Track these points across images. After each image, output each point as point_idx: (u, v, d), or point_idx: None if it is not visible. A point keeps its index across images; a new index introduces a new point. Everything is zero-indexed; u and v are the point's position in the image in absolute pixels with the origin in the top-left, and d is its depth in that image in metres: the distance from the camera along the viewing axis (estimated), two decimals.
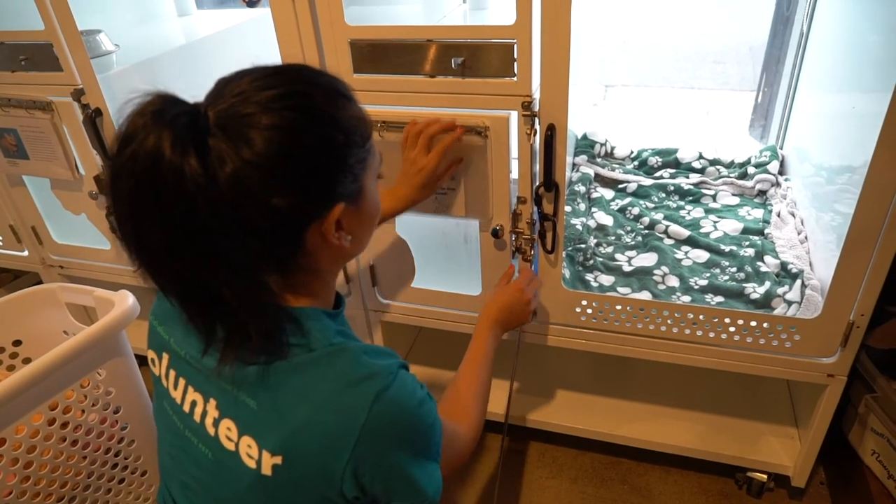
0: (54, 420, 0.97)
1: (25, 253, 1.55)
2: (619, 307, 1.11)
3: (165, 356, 0.69)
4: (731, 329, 1.07)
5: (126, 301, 1.04)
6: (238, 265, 0.54)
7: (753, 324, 1.05)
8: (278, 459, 0.58)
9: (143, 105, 0.52)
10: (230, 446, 0.62)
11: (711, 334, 1.08)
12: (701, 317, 1.07)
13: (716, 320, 1.06)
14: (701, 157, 1.52)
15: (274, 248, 0.57)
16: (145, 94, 0.52)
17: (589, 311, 1.13)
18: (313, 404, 0.58)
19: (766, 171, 1.41)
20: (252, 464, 0.60)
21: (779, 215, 1.31)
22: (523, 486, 1.34)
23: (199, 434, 0.65)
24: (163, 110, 0.51)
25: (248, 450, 0.60)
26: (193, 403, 0.66)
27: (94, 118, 1.21)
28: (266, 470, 0.59)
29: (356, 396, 0.57)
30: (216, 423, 0.63)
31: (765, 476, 1.25)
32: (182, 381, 0.67)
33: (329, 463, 0.58)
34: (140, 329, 1.67)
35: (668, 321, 1.09)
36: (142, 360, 1.12)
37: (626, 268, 1.22)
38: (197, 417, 0.65)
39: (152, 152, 0.50)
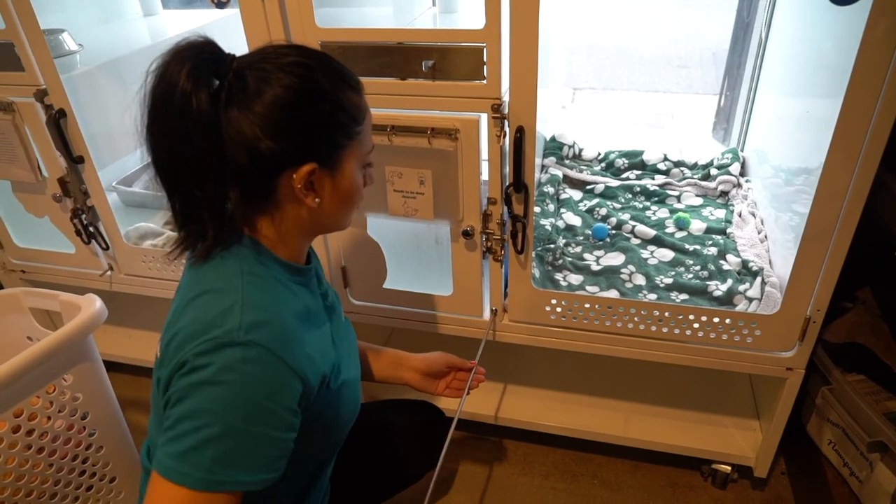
0: (19, 428, 0.95)
1: None
2: (587, 305, 1.13)
3: None
4: (696, 325, 1.10)
5: (93, 305, 1.02)
6: (212, 178, 0.65)
7: (716, 320, 1.08)
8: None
9: (185, 40, 0.64)
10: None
11: (677, 331, 1.11)
12: (667, 314, 1.10)
13: (681, 317, 1.10)
14: (666, 159, 1.56)
15: (247, 183, 0.67)
16: (197, 35, 0.65)
17: (558, 309, 1.15)
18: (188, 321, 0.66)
19: (728, 173, 1.46)
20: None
21: (740, 215, 1.35)
22: (495, 482, 1.36)
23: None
24: (195, 46, 0.63)
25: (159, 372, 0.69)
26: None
27: (57, 119, 1.19)
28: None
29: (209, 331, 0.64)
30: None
31: (729, 468, 1.29)
32: None
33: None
34: (107, 334, 1.65)
35: (636, 318, 1.12)
36: (109, 365, 1.10)
37: (595, 267, 1.24)
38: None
39: (172, 77, 0.62)
